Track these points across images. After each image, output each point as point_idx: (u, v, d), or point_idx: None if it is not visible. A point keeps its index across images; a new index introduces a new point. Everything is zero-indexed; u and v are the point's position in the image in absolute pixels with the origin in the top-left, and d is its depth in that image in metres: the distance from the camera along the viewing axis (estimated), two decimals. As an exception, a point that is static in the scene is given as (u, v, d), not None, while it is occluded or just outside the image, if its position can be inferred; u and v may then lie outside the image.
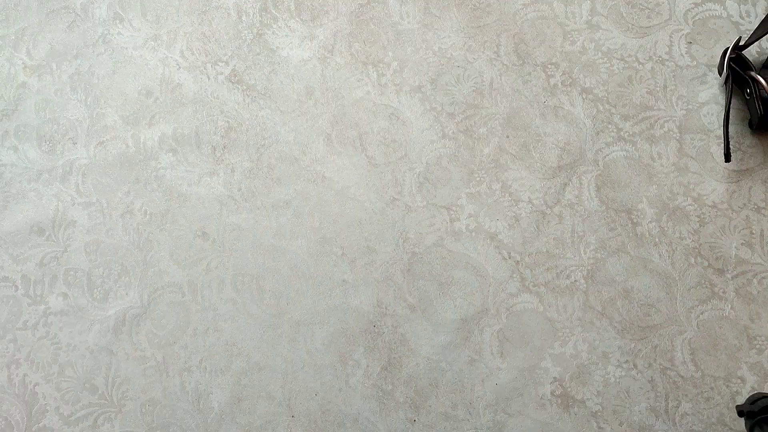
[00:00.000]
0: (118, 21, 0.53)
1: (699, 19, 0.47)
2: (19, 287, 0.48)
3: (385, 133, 0.48)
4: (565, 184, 0.46)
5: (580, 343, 0.44)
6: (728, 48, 0.44)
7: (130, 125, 0.51)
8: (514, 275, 0.45)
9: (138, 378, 0.46)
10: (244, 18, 0.52)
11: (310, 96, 0.49)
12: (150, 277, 0.48)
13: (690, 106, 0.46)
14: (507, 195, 0.46)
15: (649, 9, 0.48)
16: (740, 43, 0.44)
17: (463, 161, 0.47)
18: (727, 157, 0.43)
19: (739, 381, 0.42)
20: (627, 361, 0.43)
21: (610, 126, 0.46)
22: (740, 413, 0.40)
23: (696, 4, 0.47)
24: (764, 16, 0.45)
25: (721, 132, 0.45)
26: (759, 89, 0.43)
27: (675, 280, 0.43)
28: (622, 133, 0.46)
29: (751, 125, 0.44)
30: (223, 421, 0.45)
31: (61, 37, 0.53)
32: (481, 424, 0.43)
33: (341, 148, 0.48)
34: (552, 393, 0.43)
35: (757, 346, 0.42)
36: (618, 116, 0.46)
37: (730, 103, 0.43)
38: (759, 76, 0.42)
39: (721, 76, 0.44)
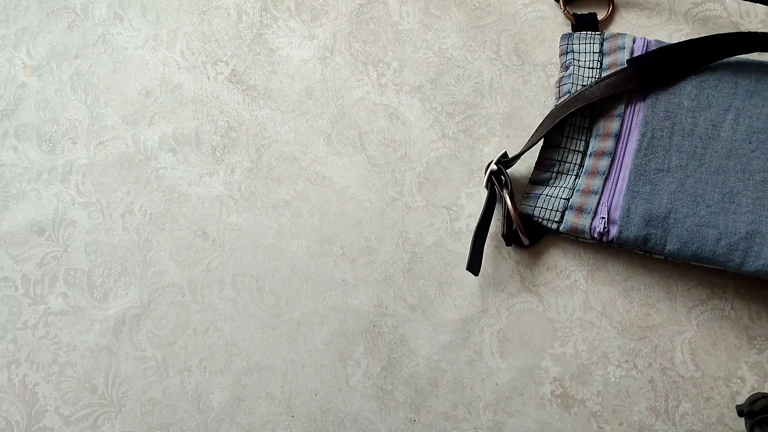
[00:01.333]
0: (118, 21, 0.53)
1: (699, 19, 0.47)
2: (19, 287, 0.48)
3: (385, 133, 0.48)
4: (565, 184, 0.46)
5: (580, 343, 0.44)
6: (492, 161, 0.44)
7: (130, 125, 0.51)
8: (514, 275, 0.45)
9: (138, 378, 0.46)
10: (244, 18, 0.52)
11: (310, 96, 0.49)
12: (150, 277, 0.48)
13: (690, 106, 0.46)
14: (507, 195, 0.46)
15: (648, 9, 0.48)
16: (505, 158, 0.44)
17: (463, 161, 0.47)
18: (472, 270, 0.43)
19: (739, 381, 0.42)
20: (627, 361, 0.43)
21: (610, 126, 0.46)
22: (740, 413, 0.40)
23: (696, 4, 0.47)
24: (537, 127, 0.45)
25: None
26: (505, 207, 0.43)
27: (675, 280, 0.44)
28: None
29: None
30: (223, 421, 0.45)
31: (61, 37, 0.53)
32: (481, 423, 0.43)
33: (341, 148, 0.48)
34: (552, 393, 0.43)
35: (757, 346, 0.42)
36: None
37: (485, 215, 0.43)
38: (507, 197, 0.42)
39: (486, 187, 0.44)
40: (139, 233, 0.49)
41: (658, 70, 0.42)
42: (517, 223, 0.42)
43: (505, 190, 0.42)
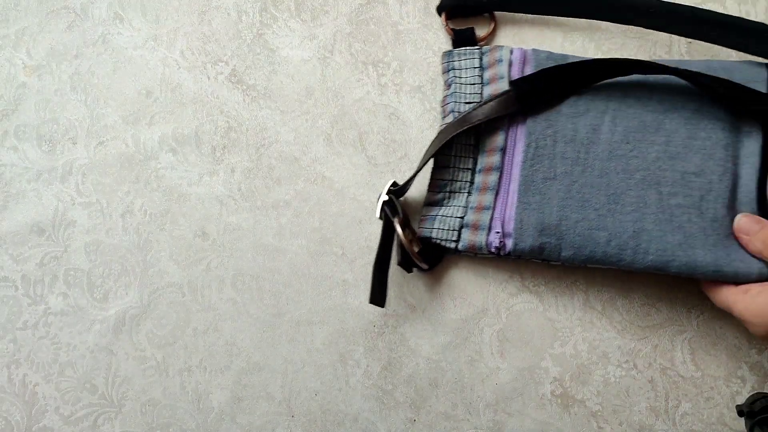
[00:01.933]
0: (118, 21, 0.53)
1: (699, 19, 0.47)
2: (19, 287, 0.48)
3: (385, 133, 0.48)
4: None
5: (580, 343, 0.44)
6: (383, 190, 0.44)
7: (130, 125, 0.51)
8: (514, 275, 0.45)
9: (138, 378, 0.46)
10: (244, 18, 0.52)
11: (310, 96, 0.49)
12: (150, 277, 0.48)
13: (690, 106, 0.46)
14: (507, 195, 0.46)
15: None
16: (395, 186, 0.44)
17: (463, 161, 0.47)
18: (375, 303, 0.43)
19: (739, 381, 0.42)
20: (627, 361, 0.43)
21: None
22: (740, 413, 0.40)
23: (696, 4, 0.47)
24: (423, 154, 0.45)
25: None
26: (396, 236, 0.43)
27: (675, 279, 0.44)
28: None
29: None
30: (223, 421, 0.45)
31: (61, 37, 0.53)
32: (481, 423, 0.43)
33: (341, 148, 0.48)
34: (552, 393, 0.43)
35: (757, 346, 0.42)
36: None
37: (382, 245, 0.43)
38: (398, 225, 0.42)
39: (380, 218, 0.44)
40: (139, 233, 0.49)
41: (539, 91, 0.43)
42: (410, 251, 0.42)
43: (396, 218, 0.42)
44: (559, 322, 0.44)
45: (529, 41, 0.48)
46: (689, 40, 0.47)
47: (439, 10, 0.49)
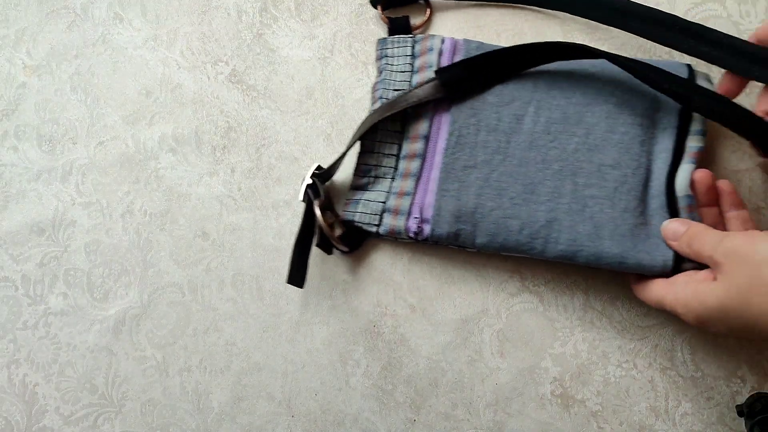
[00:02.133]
0: (118, 21, 0.53)
1: (699, 18, 0.47)
2: (19, 287, 0.48)
3: (385, 133, 0.48)
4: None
5: (580, 343, 0.44)
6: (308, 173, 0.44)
7: (130, 125, 0.51)
8: (514, 275, 0.45)
9: (138, 378, 0.46)
10: (244, 18, 0.52)
11: (310, 96, 0.49)
12: (150, 277, 0.48)
13: (690, 106, 0.46)
14: (507, 195, 0.46)
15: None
16: (320, 170, 0.45)
17: (463, 161, 0.47)
18: (294, 283, 0.43)
19: (739, 381, 0.42)
20: (627, 361, 0.43)
21: (610, 126, 0.46)
22: (740, 413, 0.40)
23: (696, 4, 0.47)
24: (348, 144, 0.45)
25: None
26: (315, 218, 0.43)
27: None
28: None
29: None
30: (223, 421, 0.45)
31: (61, 37, 0.53)
32: (481, 423, 0.43)
33: (341, 148, 0.48)
34: (552, 393, 0.43)
35: (757, 346, 0.42)
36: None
37: (303, 228, 0.43)
38: (317, 208, 0.42)
39: (303, 200, 0.44)
40: (139, 233, 0.49)
41: (465, 80, 0.43)
42: (329, 234, 0.43)
43: (316, 201, 0.43)
44: (559, 322, 0.44)
45: (528, 39, 0.48)
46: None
47: (374, 3, 0.49)
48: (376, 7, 0.49)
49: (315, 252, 0.44)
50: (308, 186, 0.44)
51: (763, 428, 0.38)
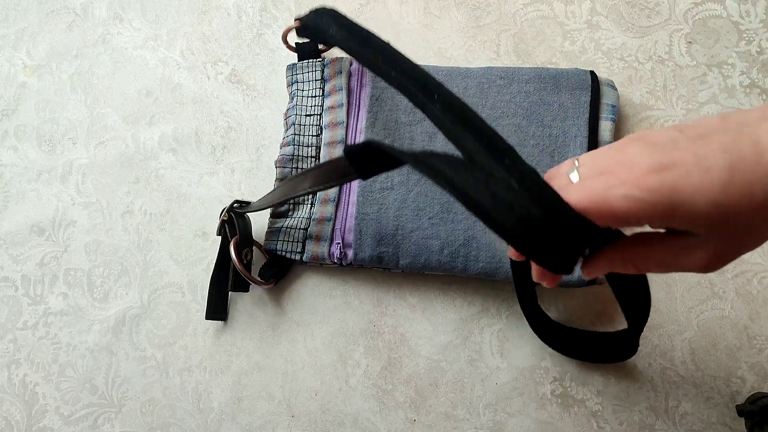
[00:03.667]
0: (118, 21, 0.53)
1: (699, 18, 0.47)
2: (19, 287, 0.48)
3: (385, 133, 0.48)
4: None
5: (580, 343, 0.44)
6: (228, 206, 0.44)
7: (130, 125, 0.51)
8: (514, 275, 0.45)
9: (138, 378, 0.46)
10: (244, 18, 0.52)
11: (310, 96, 0.49)
12: (150, 277, 0.48)
13: (690, 106, 0.46)
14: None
15: (648, 9, 0.48)
16: (237, 203, 0.45)
17: (463, 161, 0.47)
18: (214, 318, 0.45)
19: (739, 381, 0.42)
20: (627, 361, 0.43)
21: (610, 126, 0.46)
22: (740, 413, 0.40)
23: (696, 4, 0.47)
24: (266, 194, 0.43)
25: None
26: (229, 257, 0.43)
27: (675, 279, 0.44)
28: (621, 133, 0.46)
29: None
30: (223, 421, 0.45)
31: (61, 37, 0.53)
32: (481, 423, 0.43)
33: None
34: (552, 393, 0.43)
35: (757, 346, 0.42)
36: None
37: (219, 262, 0.44)
38: (232, 247, 0.42)
39: (219, 234, 0.45)
40: (139, 233, 0.49)
41: (372, 163, 0.33)
42: (244, 274, 0.43)
43: (232, 240, 0.43)
44: (558, 321, 0.44)
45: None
46: (689, 40, 0.47)
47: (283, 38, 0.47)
48: (285, 43, 0.47)
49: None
50: (224, 221, 0.44)
51: (763, 428, 0.38)
